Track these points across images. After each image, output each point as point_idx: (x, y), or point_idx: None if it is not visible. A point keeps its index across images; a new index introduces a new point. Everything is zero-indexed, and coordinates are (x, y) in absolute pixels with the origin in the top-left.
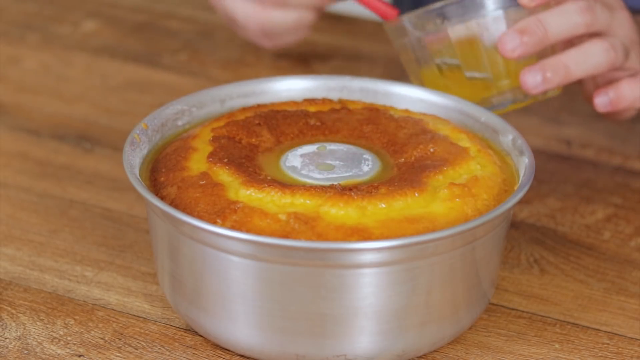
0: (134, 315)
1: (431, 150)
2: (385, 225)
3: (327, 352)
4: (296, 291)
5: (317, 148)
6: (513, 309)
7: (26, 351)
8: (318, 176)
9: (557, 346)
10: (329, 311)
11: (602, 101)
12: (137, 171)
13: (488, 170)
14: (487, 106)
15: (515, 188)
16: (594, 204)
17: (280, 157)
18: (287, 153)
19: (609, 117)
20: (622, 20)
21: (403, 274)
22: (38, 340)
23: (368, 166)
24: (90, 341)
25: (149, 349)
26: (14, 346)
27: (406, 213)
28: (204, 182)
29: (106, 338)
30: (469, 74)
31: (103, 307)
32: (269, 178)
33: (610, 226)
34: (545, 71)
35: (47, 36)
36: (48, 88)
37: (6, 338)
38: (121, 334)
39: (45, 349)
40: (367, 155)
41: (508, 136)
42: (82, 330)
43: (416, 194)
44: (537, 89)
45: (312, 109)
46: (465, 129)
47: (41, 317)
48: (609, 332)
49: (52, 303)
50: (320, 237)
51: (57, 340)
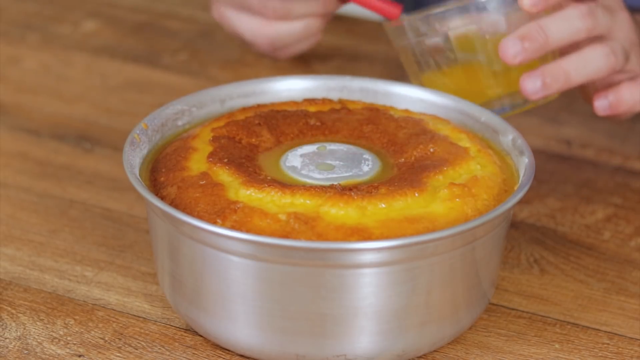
0: (134, 315)
1: (431, 150)
2: (385, 225)
3: (327, 352)
4: (296, 291)
5: (317, 148)
6: (513, 309)
7: (26, 351)
8: (318, 176)
9: (557, 346)
10: (329, 311)
11: (602, 105)
12: (137, 171)
13: (488, 170)
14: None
15: (515, 188)
16: (594, 204)
17: (280, 157)
18: (287, 153)
19: (609, 117)
20: (623, 22)
21: (403, 274)
22: (38, 340)
23: (368, 166)
24: (90, 341)
25: (149, 349)
26: (14, 346)
27: (406, 213)
28: (204, 182)
29: (106, 338)
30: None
31: (103, 307)
32: (269, 178)
33: (610, 226)
34: (545, 77)
35: (47, 36)
36: (48, 88)
37: (6, 338)
38: (121, 334)
39: (45, 349)
40: (367, 155)
41: (508, 136)
42: (82, 330)
43: (416, 194)
44: (537, 95)
45: (312, 109)
46: (465, 129)
47: (41, 317)
48: (609, 332)
49: (52, 303)
50: (320, 237)
51: (57, 340)
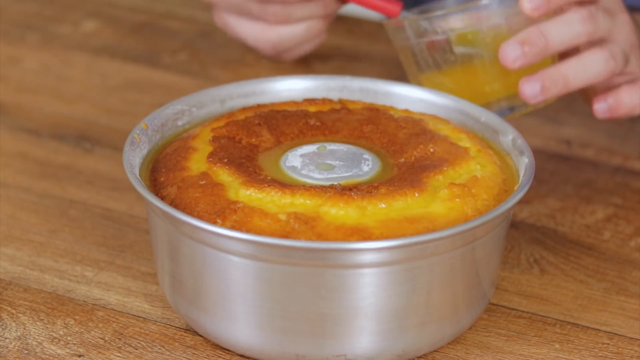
0: (134, 315)
1: (431, 150)
2: (385, 225)
3: (327, 352)
4: (296, 291)
5: (317, 148)
6: (513, 309)
7: (26, 351)
8: (318, 176)
9: (557, 346)
10: (329, 311)
11: (601, 108)
12: (137, 171)
13: (488, 170)
14: None
15: (515, 188)
16: (594, 204)
17: (280, 157)
18: (287, 153)
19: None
20: (623, 24)
21: (403, 274)
22: (38, 340)
23: (368, 166)
24: (90, 341)
25: (149, 349)
26: (14, 346)
27: (406, 213)
28: (204, 182)
29: (106, 338)
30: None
31: (103, 307)
32: (269, 178)
33: (610, 226)
34: (544, 81)
35: (47, 36)
36: (48, 88)
37: (6, 338)
38: (121, 334)
39: (45, 349)
40: (367, 155)
41: (508, 136)
42: (82, 330)
43: (416, 194)
44: (536, 99)
45: (312, 109)
46: (465, 129)
47: (41, 317)
48: (609, 332)
49: (52, 303)
50: (320, 237)
51: (57, 340)
